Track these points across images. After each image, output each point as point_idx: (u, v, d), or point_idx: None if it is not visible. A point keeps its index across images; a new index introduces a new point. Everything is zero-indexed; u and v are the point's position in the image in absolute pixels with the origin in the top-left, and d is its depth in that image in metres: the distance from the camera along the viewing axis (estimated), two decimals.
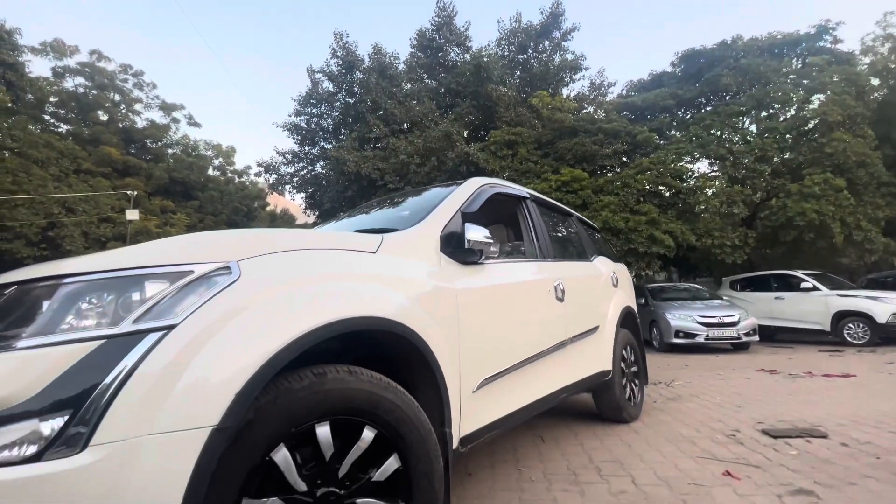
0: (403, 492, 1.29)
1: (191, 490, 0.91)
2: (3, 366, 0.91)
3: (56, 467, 0.84)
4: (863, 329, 8.52)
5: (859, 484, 2.05)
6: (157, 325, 0.98)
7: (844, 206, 9.37)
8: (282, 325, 1.12)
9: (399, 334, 1.42)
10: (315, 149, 20.34)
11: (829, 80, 10.84)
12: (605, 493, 2.05)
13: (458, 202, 2.08)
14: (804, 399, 4.01)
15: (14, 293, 1.05)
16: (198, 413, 0.95)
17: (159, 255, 1.12)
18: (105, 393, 0.89)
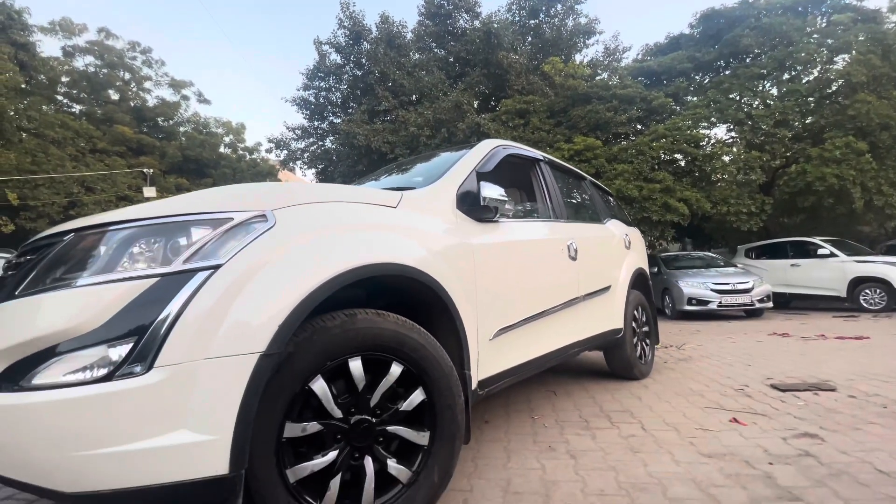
0: (429, 421, 1.41)
1: (243, 408, 1.03)
2: (71, 300, 1.02)
3: (125, 385, 0.96)
4: (879, 295, 8.44)
5: (864, 429, 2.13)
6: (205, 265, 1.08)
7: (866, 170, 9.10)
8: (315, 267, 1.22)
9: (421, 281, 1.51)
10: (324, 123, 20.23)
11: (854, 39, 10.33)
12: (616, 436, 2.17)
13: (473, 162, 2.13)
14: (815, 359, 4.06)
15: (72, 239, 1.15)
16: (247, 341, 1.06)
17: (202, 204, 1.21)
18: (164, 323, 1.00)
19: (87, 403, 0.94)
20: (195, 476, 0.98)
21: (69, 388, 0.95)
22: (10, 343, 0.99)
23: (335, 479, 1.23)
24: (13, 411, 0.94)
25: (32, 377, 0.97)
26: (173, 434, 0.97)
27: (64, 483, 0.94)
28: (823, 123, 9.95)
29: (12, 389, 0.97)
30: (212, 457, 0.99)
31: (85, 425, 0.94)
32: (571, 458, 1.90)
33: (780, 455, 1.87)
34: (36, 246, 1.25)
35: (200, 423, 0.99)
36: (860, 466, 1.72)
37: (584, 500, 1.53)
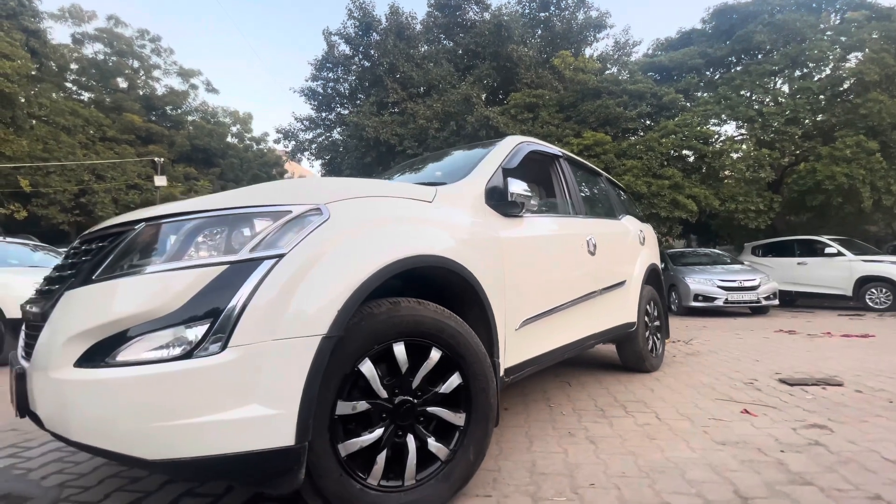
0: (464, 404, 1.50)
1: (307, 385, 1.12)
2: (151, 284, 1.11)
3: (203, 363, 1.05)
4: (885, 294, 8.48)
5: (870, 421, 2.22)
6: (270, 254, 1.17)
7: (876, 169, 9.10)
8: (368, 258, 1.31)
9: (457, 272, 1.60)
10: (332, 114, 20.26)
11: (867, 37, 10.26)
12: (632, 424, 2.26)
13: (499, 158, 2.21)
14: (822, 355, 4.14)
15: (144, 228, 1.23)
16: (310, 324, 1.15)
17: (262, 197, 1.30)
18: (236, 306, 1.09)
19: (170, 379, 1.03)
20: (264, 446, 1.07)
21: (152, 365, 1.04)
22: (95, 323, 1.08)
23: (381, 454, 1.33)
24: (102, 385, 1.04)
25: (117, 354, 1.06)
26: (245, 408, 1.06)
27: (148, 451, 1.03)
28: (834, 122, 9.93)
29: (99, 365, 1.06)
30: (279, 429, 1.08)
31: (167, 399, 1.03)
32: (591, 444, 2.00)
33: (791, 444, 1.95)
34: (104, 234, 1.34)
35: (269, 399, 1.08)
36: (867, 455, 1.80)
37: (608, 482, 1.62)
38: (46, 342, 1.14)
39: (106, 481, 1.73)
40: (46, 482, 1.74)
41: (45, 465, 1.92)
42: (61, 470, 1.86)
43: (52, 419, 1.11)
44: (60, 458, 1.99)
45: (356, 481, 1.29)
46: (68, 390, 1.06)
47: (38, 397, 1.15)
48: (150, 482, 1.71)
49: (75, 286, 1.18)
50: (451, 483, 1.43)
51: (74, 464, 1.92)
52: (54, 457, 2.01)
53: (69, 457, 2.01)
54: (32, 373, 1.18)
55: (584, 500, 1.49)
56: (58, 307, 1.16)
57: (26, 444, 2.21)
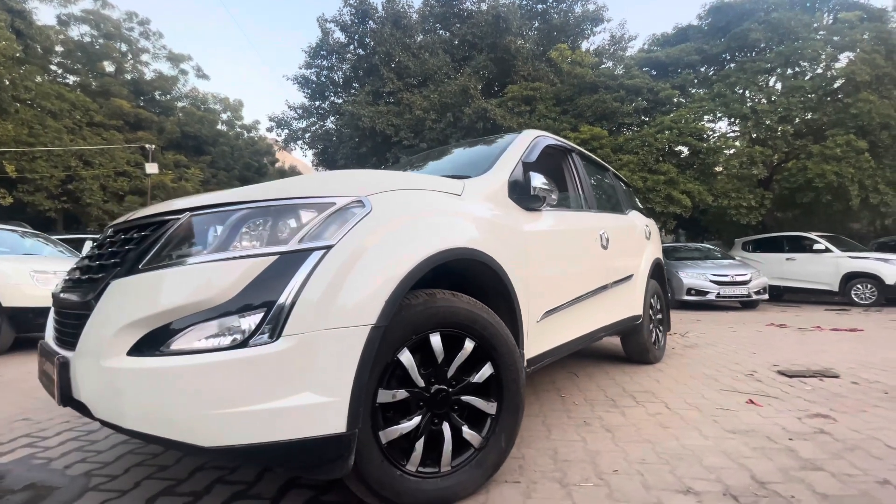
0: (495, 393, 1.54)
1: (358, 373, 1.15)
2: (203, 274, 1.12)
3: (258, 352, 1.07)
4: (870, 290, 8.73)
5: (870, 411, 2.32)
6: (319, 245, 1.18)
7: (864, 168, 9.32)
8: (410, 250, 1.33)
9: (488, 265, 1.63)
10: (325, 103, 20.02)
11: (859, 38, 10.43)
12: (644, 413, 2.33)
13: (519, 152, 2.23)
14: (814, 348, 4.27)
15: (189, 218, 1.24)
16: (360, 314, 1.17)
17: (304, 189, 1.31)
18: (289, 296, 1.10)
19: (225, 367, 1.05)
20: (317, 433, 1.09)
21: (208, 354, 1.06)
22: (148, 312, 1.09)
23: (419, 441, 1.36)
24: (158, 374, 1.05)
25: (172, 343, 1.07)
26: (299, 396, 1.09)
27: (203, 438, 1.05)
28: (825, 121, 10.12)
29: (154, 354, 1.07)
30: (332, 417, 1.11)
31: (223, 387, 1.05)
32: (608, 432, 2.06)
33: (798, 432, 2.03)
34: (142, 223, 1.34)
35: (322, 387, 1.11)
36: (871, 442, 1.89)
37: (630, 468, 1.68)
38: (96, 331, 1.14)
39: (132, 470, 1.74)
40: (71, 471, 1.74)
41: (66, 453, 1.92)
42: (84, 459, 1.86)
43: (103, 407, 1.12)
44: (81, 448, 1.99)
45: (396, 468, 1.32)
46: (123, 379, 1.07)
47: (86, 386, 1.16)
48: (179, 470, 1.72)
49: (121, 275, 1.18)
50: (484, 469, 1.47)
51: (97, 452, 1.93)
52: (74, 445, 2.01)
53: (90, 445, 2.01)
54: (78, 361, 1.18)
55: (611, 485, 1.54)
56: (105, 296, 1.17)
57: (41, 433, 2.20)
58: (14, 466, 1.79)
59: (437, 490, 1.37)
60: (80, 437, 2.12)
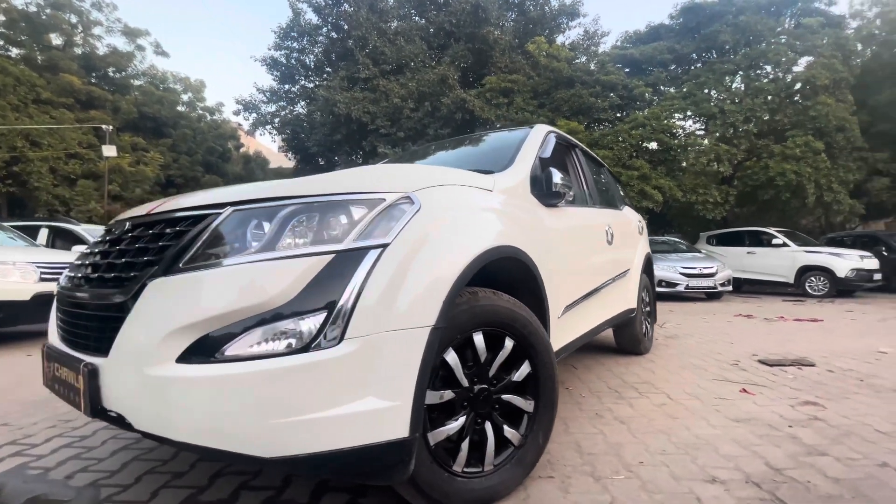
0: (532, 390, 1.54)
1: (420, 377, 1.11)
2: (256, 275, 1.05)
3: (321, 356, 1.01)
4: (823, 282, 9.38)
5: (852, 398, 2.49)
6: (375, 244, 1.13)
7: (820, 168, 9.94)
8: (462, 248, 1.30)
9: (524, 262, 1.62)
10: (295, 87, 19.33)
11: (819, 43, 11.06)
12: (649, 404, 2.41)
13: (535, 147, 2.23)
14: (784, 338, 4.55)
15: (232, 214, 1.15)
16: (420, 315, 1.13)
17: (349, 184, 1.24)
18: (350, 297, 1.05)
19: (288, 373, 0.99)
20: (380, 439, 1.06)
21: (269, 360, 0.99)
22: (201, 316, 1.01)
23: (465, 441, 1.35)
24: (214, 382, 0.98)
25: (228, 348, 1.00)
26: (362, 401, 1.04)
27: (265, 449, 0.99)
28: (786, 122, 10.69)
29: (208, 361, 1.00)
30: (395, 421, 1.07)
31: (285, 394, 0.99)
32: (622, 424, 2.12)
33: (795, 419, 2.16)
34: (173, 217, 1.24)
35: (385, 391, 1.07)
36: (862, 428, 2.03)
37: (654, 459, 1.73)
38: (135, 336, 1.05)
39: (144, 478, 1.64)
40: (74, 481, 1.62)
41: (63, 462, 1.79)
42: (85, 467, 1.74)
43: (147, 419, 1.03)
44: (78, 455, 1.85)
45: (443, 469, 1.30)
46: (174, 388, 0.99)
47: (124, 396, 1.07)
48: (196, 476, 1.64)
49: (159, 274, 1.09)
50: (524, 467, 1.48)
51: (97, 460, 1.80)
52: (70, 453, 1.87)
53: (87, 452, 1.88)
54: (112, 369, 1.09)
55: (641, 477, 1.59)
56: (144, 297, 1.07)
57: (27, 439, 2.03)
58: (8, 479, 1.65)
59: (483, 489, 1.37)
60: (73, 443, 1.98)
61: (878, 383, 2.77)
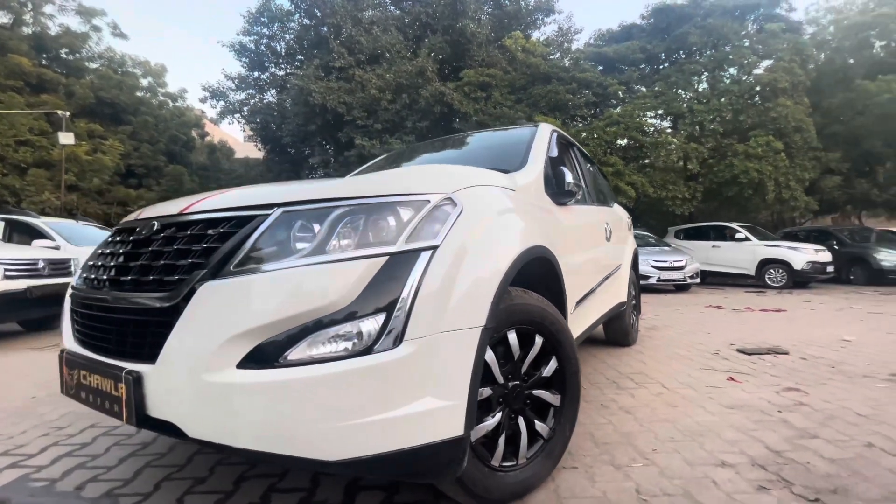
0: (558, 385, 1.60)
1: (473, 376, 1.14)
2: (315, 278, 1.04)
3: (383, 358, 1.02)
4: (781, 274, 9.99)
5: (828, 384, 2.69)
6: (426, 245, 1.14)
7: (780, 167, 10.53)
8: (504, 249, 1.33)
9: (550, 260, 1.67)
10: (265, 74, 18.67)
11: (780, 48, 11.66)
12: (648, 394, 2.53)
13: (545, 146, 2.27)
14: (755, 328, 4.84)
15: (283, 215, 1.13)
16: (472, 315, 1.16)
17: (397, 185, 1.24)
18: (407, 299, 1.06)
19: (352, 376, 0.99)
20: (439, 438, 1.08)
21: (332, 363, 0.99)
22: (263, 321, 0.99)
23: (501, 437, 1.39)
24: (280, 388, 0.97)
25: (291, 353, 0.99)
26: (421, 401, 1.06)
27: (329, 452, 0.99)
28: (749, 122, 11.25)
29: (273, 366, 0.98)
30: (451, 420, 1.10)
31: (349, 397, 0.99)
32: (628, 414, 2.21)
33: (782, 405, 2.32)
34: (213, 218, 1.20)
35: (442, 391, 1.09)
36: (844, 412, 2.21)
37: (665, 446, 1.83)
38: (190, 342, 1.02)
39: (163, 485, 1.59)
40: (87, 492, 1.56)
41: (68, 472, 1.71)
42: (95, 476, 1.67)
43: (203, 426, 1.01)
44: (82, 464, 1.78)
45: (483, 464, 1.34)
46: (236, 395, 0.97)
47: (175, 403, 1.04)
48: (219, 481, 1.60)
49: (208, 278, 1.06)
50: (553, 458, 1.54)
51: (106, 468, 1.73)
52: (73, 462, 1.79)
53: (92, 461, 1.80)
54: (161, 376, 1.05)
55: (657, 464, 1.68)
56: (196, 302, 1.04)
57: (20, 449, 1.93)
58: (10, 493, 1.56)
59: (518, 482, 1.41)
60: (73, 451, 1.89)
61: (848, 370, 3.00)
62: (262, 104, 17.46)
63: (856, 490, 1.46)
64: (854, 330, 4.55)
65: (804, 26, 12.46)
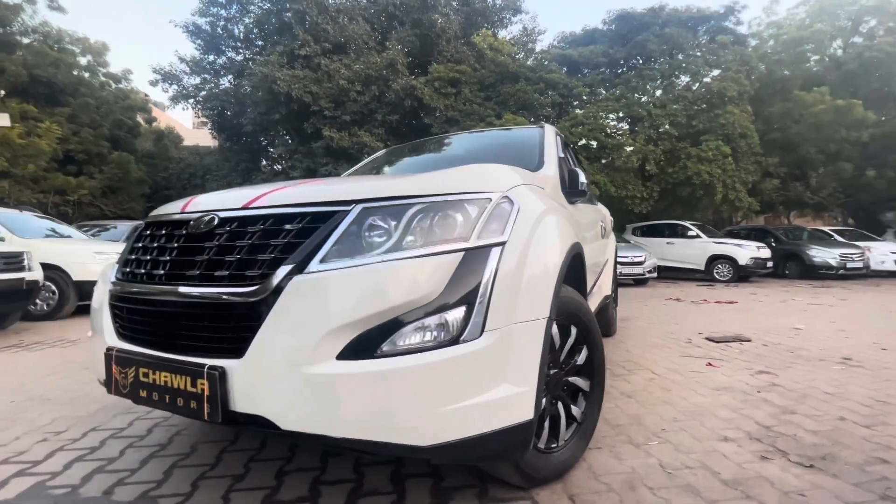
0: (587, 372, 1.72)
1: (541, 363, 1.22)
2: (405, 272, 1.08)
3: (469, 348, 1.09)
4: (728, 269, 10.84)
5: (793, 367, 3.01)
6: (496, 241, 1.21)
7: (727, 170, 11.38)
8: (557, 244, 1.42)
9: (581, 257, 1.78)
10: (222, 58, 17.72)
11: (728, 59, 12.56)
12: (642, 379, 2.73)
13: (555, 148, 2.39)
14: (714, 318, 5.26)
15: (363, 211, 1.16)
16: (539, 307, 1.24)
17: (462, 183, 1.29)
18: (486, 292, 1.13)
19: (443, 365, 1.05)
20: (513, 422, 1.16)
21: (426, 353, 1.04)
22: (363, 313, 1.02)
23: (546, 421, 1.49)
24: (381, 377, 1.01)
25: (388, 343, 1.03)
26: (499, 388, 1.13)
27: (423, 438, 1.04)
28: (701, 128, 12.04)
29: (373, 356, 1.02)
30: (523, 405, 1.18)
31: (441, 385, 1.05)
32: (629, 398, 2.39)
33: (759, 386, 2.59)
34: (286, 214, 1.20)
35: (516, 378, 1.16)
36: (813, 391, 2.50)
37: (670, 426, 2.00)
38: (285, 335, 1.03)
39: (201, 484, 1.57)
40: (119, 496, 1.50)
41: (88, 476, 1.64)
42: (120, 480, 1.61)
43: (301, 418, 1.02)
44: (100, 468, 1.70)
45: (532, 447, 1.43)
46: (339, 385, 1.00)
47: (267, 397, 1.04)
48: (261, 476, 1.60)
49: (295, 273, 1.08)
50: (585, 439, 1.66)
51: (129, 471, 1.67)
52: (89, 466, 1.71)
53: (109, 464, 1.73)
54: (250, 370, 1.05)
55: (671, 440, 1.84)
56: (287, 296, 1.05)
57: (21, 456, 1.82)
58: (28, 501, 1.47)
59: (560, 462, 1.52)
60: (84, 455, 1.81)
61: (805, 354, 3.36)
62: (219, 90, 16.59)
63: (841, 455, 1.69)
64: (801, 319, 5.06)
65: (749, 39, 13.49)
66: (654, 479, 1.54)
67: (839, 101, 11.83)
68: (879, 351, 3.42)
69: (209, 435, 1.99)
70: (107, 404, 2.39)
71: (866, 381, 2.63)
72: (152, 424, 2.11)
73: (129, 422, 2.15)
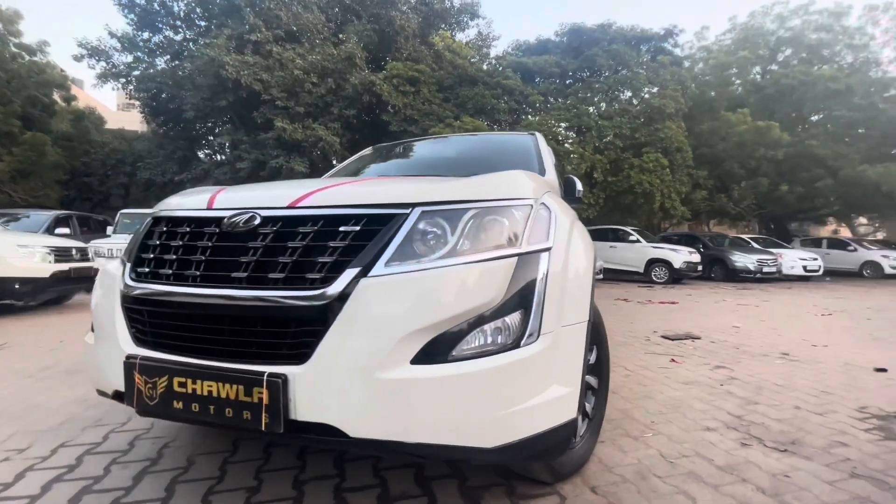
0: (596, 370, 1.82)
1: (584, 365, 1.29)
2: (471, 276, 1.10)
3: (529, 352, 1.13)
4: (664, 271, 11.75)
5: (742, 362, 3.36)
6: (543, 247, 1.26)
7: (665, 180, 12.34)
8: (588, 248, 1.51)
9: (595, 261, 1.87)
10: (158, 36, 16.32)
11: (667, 78, 13.63)
12: (618, 376, 2.90)
13: (549, 155, 2.50)
14: (662, 317, 5.70)
15: (422, 214, 1.16)
16: (582, 311, 1.31)
17: (504, 189, 1.32)
18: (540, 297, 1.18)
19: (508, 368, 1.08)
20: (560, 421, 1.21)
21: (493, 356, 1.07)
22: (437, 318, 1.02)
23: None
24: (453, 381, 1.01)
25: (459, 348, 1.04)
26: (550, 389, 1.18)
27: (488, 440, 1.06)
28: (643, 140, 12.96)
29: (447, 360, 1.02)
30: (569, 405, 1.24)
31: (507, 387, 1.08)
32: (614, 393, 2.54)
33: (720, 379, 2.86)
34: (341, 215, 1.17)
35: (564, 379, 1.22)
36: (766, 383, 2.80)
37: (658, 418, 2.16)
38: (354, 341, 1.00)
39: (212, 499, 1.47)
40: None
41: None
42: (116, 500, 1.47)
43: (373, 425, 1.00)
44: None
45: None
46: (416, 390, 0.99)
47: (336, 404, 1.01)
48: (277, 487, 1.53)
49: (361, 276, 1.06)
50: (596, 434, 1.76)
51: (123, 490, 1.54)
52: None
53: (95, 485, 1.57)
54: (316, 377, 1.01)
55: (662, 432, 2.00)
56: (356, 301, 1.02)
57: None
58: None
59: (579, 457, 1.60)
60: (62, 475, 1.63)
61: (749, 350, 3.76)
62: (155, 71, 15.28)
63: (806, 440, 1.92)
64: (736, 319, 5.62)
65: (684, 61, 14.73)
66: (659, 468, 1.67)
67: (759, 123, 13.27)
68: (811, 347, 3.91)
69: (202, 446, 1.86)
70: (71, 416, 2.15)
71: (807, 374, 3.00)
72: (132, 437, 1.93)
73: (103, 435, 1.95)
